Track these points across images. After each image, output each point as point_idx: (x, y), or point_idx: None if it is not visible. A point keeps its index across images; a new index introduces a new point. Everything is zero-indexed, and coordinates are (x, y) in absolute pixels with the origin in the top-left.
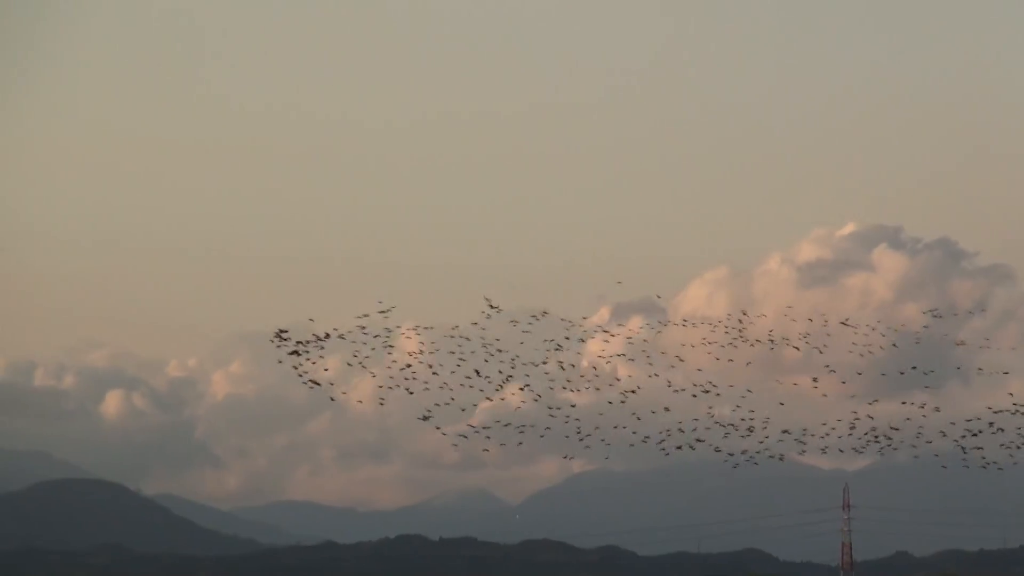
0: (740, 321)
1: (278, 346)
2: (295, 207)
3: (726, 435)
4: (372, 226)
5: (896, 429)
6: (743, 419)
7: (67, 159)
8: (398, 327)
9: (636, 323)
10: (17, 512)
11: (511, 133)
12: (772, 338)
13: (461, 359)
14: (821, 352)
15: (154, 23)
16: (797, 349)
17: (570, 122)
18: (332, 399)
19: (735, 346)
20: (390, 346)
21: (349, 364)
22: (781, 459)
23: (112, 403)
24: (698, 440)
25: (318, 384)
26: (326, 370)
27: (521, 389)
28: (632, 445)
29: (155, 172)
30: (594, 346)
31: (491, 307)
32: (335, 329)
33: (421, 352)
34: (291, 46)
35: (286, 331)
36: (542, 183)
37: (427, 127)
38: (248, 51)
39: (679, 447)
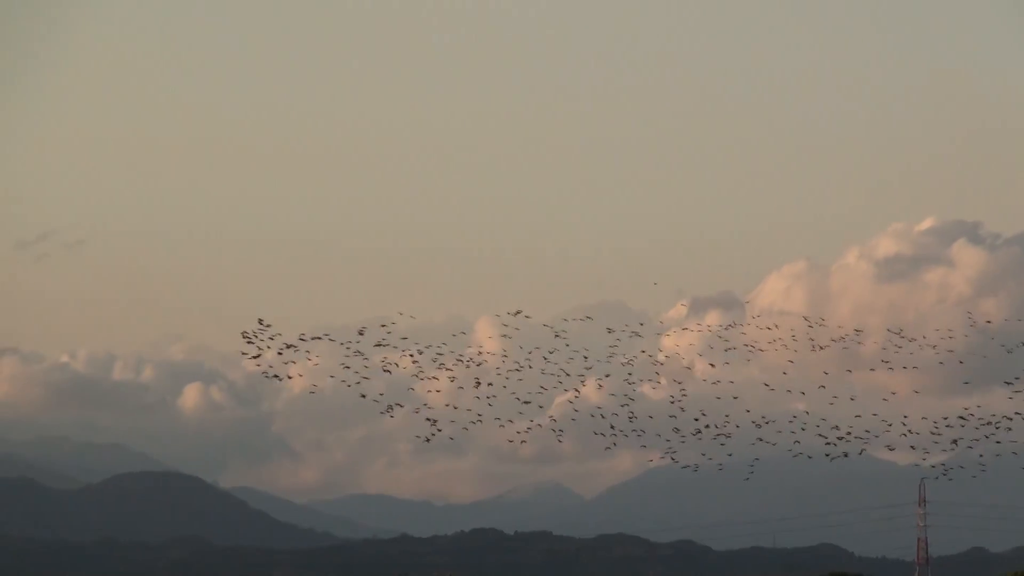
0: (811, 326)
1: (248, 342)
2: (375, 203)
3: (802, 429)
4: (449, 221)
5: (965, 421)
6: (819, 414)
7: (149, 155)
8: (473, 325)
9: (713, 318)
10: (95, 504)
11: (588, 128)
12: (848, 334)
13: (539, 350)
14: (898, 348)
15: (240, 19)
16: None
17: (647, 116)
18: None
19: (812, 339)
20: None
21: (412, 358)
22: (860, 454)
23: (190, 396)
24: (778, 432)
25: (279, 378)
26: (397, 366)
27: (600, 385)
28: (697, 435)
29: (235, 168)
30: (671, 340)
31: (518, 314)
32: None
33: (503, 354)
34: (370, 49)
35: (248, 332)
36: (620, 177)
37: (500, 123)
38: (329, 52)
39: (753, 443)
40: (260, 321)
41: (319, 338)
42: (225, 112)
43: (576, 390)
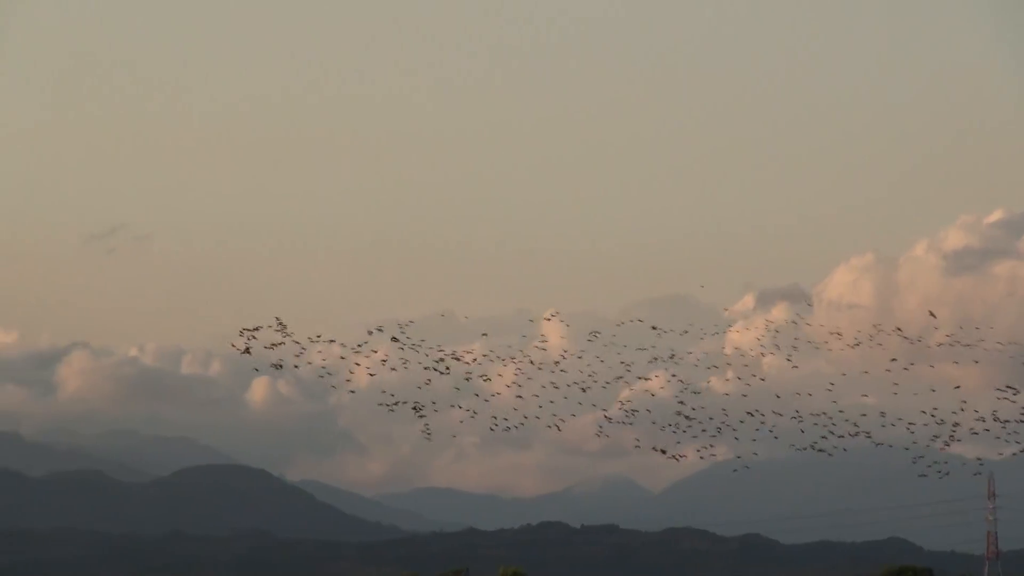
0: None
1: (246, 342)
2: (444, 198)
3: (871, 423)
4: (514, 216)
5: None
6: (886, 407)
7: (219, 150)
8: (545, 318)
9: (780, 310)
10: (163, 497)
11: (655, 121)
12: (916, 330)
13: (607, 344)
14: (967, 343)
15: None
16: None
17: (716, 108)
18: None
19: (880, 329)
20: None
21: (479, 352)
22: (928, 446)
23: (258, 390)
24: (847, 423)
25: (278, 367)
26: (463, 360)
27: (667, 378)
28: (772, 434)
29: (302, 165)
30: (738, 333)
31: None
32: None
33: (569, 348)
34: (426, 46)
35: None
36: (688, 170)
37: (567, 119)
38: (388, 48)
39: (824, 436)
40: (277, 319)
41: (373, 333)
42: (292, 110)
43: (644, 383)
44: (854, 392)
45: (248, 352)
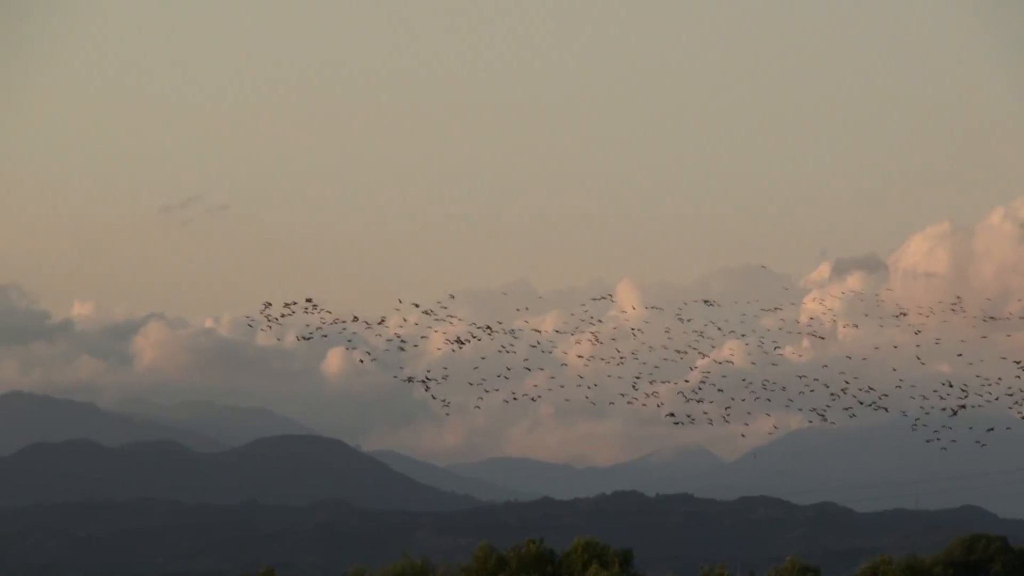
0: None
1: (267, 317)
2: (520, 168)
3: (948, 392)
4: (590, 186)
5: None
6: (962, 376)
7: (293, 120)
8: (610, 293)
9: (856, 279)
10: (240, 467)
11: (729, 91)
12: (993, 296)
13: (682, 312)
14: None
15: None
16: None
17: (788, 77)
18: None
19: (958, 298)
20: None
21: (555, 321)
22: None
23: (333, 361)
24: (923, 398)
25: (403, 345)
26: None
27: (741, 348)
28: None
29: (376, 134)
30: (813, 302)
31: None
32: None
33: (645, 317)
34: (519, 22)
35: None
36: (763, 139)
37: (642, 90)
38: (455, 19)
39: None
40: (308, 300)
41: (442, 306)
42: (368, 82)
43: (718, 353)
44: (930, 361)
45: (275, 320)
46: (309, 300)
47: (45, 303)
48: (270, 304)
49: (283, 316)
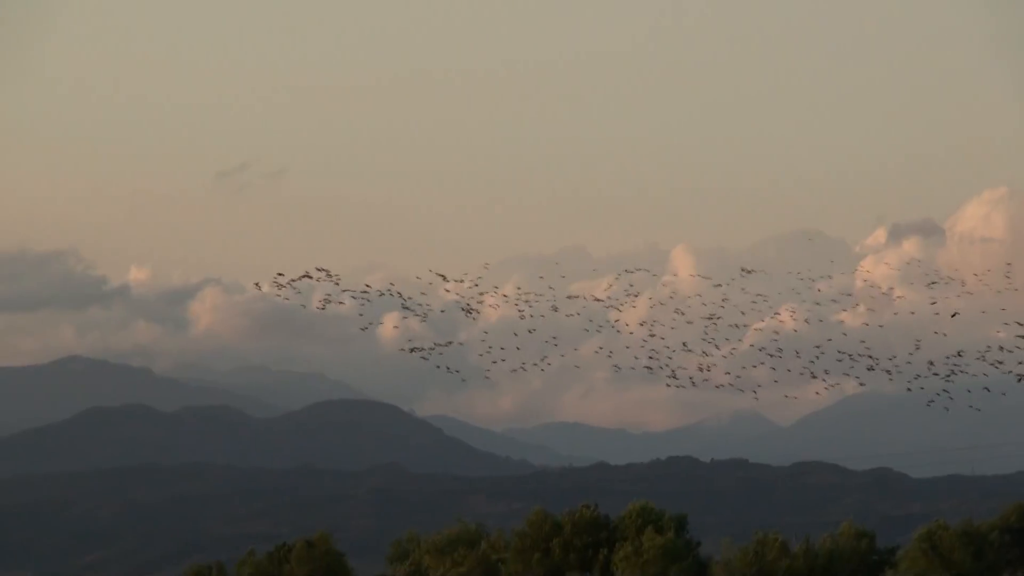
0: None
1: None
2: (573, 132)
3: (1006, 357)
4: (648, 150)
5: None
6: (1017, 343)
7: (348, 85)
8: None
9: (912, 244)
10: (295, 431)
11: (783, 57)
12: None
13: (736, 279)
14: None
15: None
16: None
17: (845, 42)
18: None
19: (1008, 265)
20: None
21: (608, 286)
22: None
23: (388, 326)
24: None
25: (470, 312)
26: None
27: (795, 311)
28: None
29: (431, 99)
30: (869, 267)
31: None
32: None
33: (699, 281)
34: None
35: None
36: (817, 104)
37: (697, 56)
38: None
39: (952, 372)
40: (320, 269)
41: (474, 282)
42: (422, 46)
43: (774, 318)
44: (985, 327)
45: (288, 285)
46: (322, 269)
47: (102, 269)
48: (281, 274)
49: (292, 282)
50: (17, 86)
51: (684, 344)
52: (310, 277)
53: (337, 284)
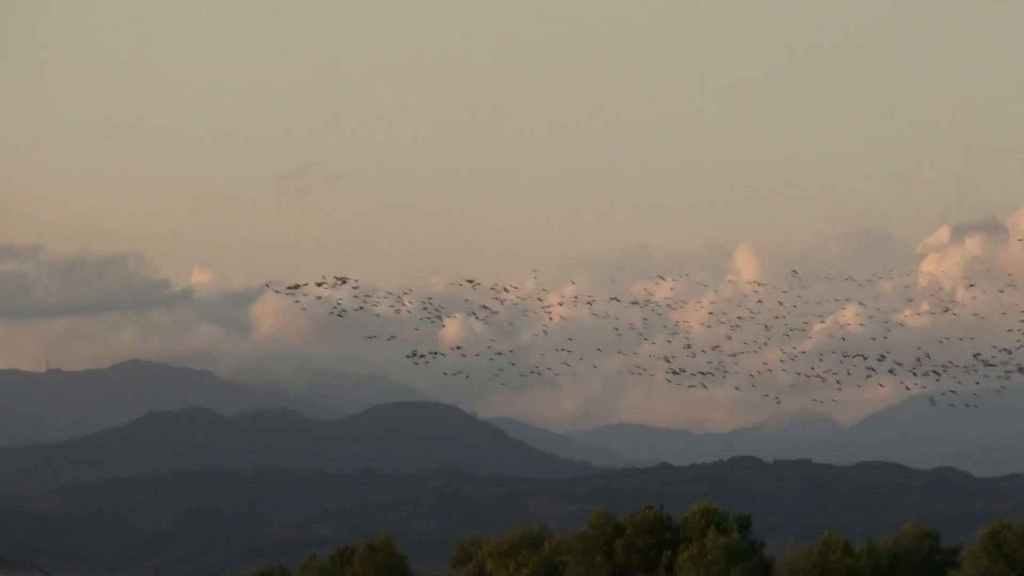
0: None
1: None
2: (636, 132)
3: None
4: (709, 148)
5: None
6: None
7: (411, 89)
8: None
9: (975, 243)
10: (356, 435)
11: (850, 52)
12: None
13: (799, 276)
14: None
15: None
16: None
17: (910, 39)
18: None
19: None
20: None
21: (671, 286)
22: None
23: (451, 328)
24: None
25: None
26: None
27: (858, 311)
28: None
29: (493, 103)
30: (931, 265)
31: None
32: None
33: (762, 280)
34: None
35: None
36: (880, 101)
37: (761, 50)
38: None
39: (1012, 371)
40: (340, 279)
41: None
42: (483, 48)
43: (837, 316)
44: None
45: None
46: (341, 279)
47: (164, 272)
48: (299, 285)
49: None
50: (80, 88)
51: (746, 344)
52: (321, 285)
53: (355, 289)
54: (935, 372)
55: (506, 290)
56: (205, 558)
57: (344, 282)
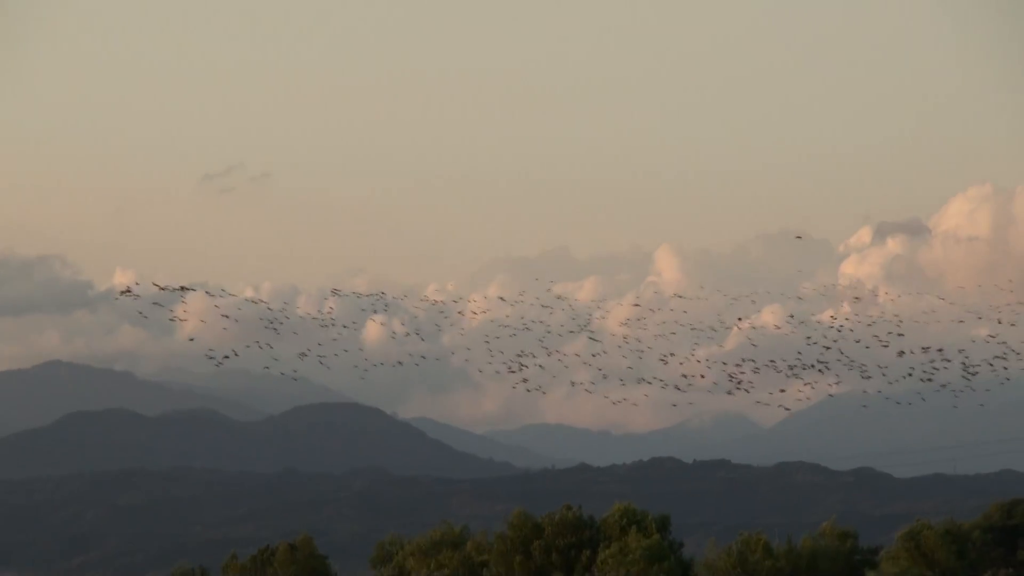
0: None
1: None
2: (556, 134)
3: (990, 358)
4: (628, 150)
5: None
6: (1003, 341)
7: (334, 88)
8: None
9: (897, 243)
10: (277, 435)
11: (766, 52)
12: None
13: (719, 278)
14: None
15: None
16: None
17: (830, 38)
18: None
19: (999, 264)
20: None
21: (591, 287)
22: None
23: (372, 329)
24: (968, 367)
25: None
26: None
27: (781, 313)
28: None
29: (417, 103)
30: (851, 267)
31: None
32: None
33: (682, 282)
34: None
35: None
36: (801, 101)
37: (682, 54)
38: None
39: (936, 369)
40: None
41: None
42: (411, 46)
43: (758, 318)
44: (969, 325)
45: (128, 292)
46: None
47: (88, 273)
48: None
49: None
50: (2, 90)
51: (667, 345)
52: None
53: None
54: (860, 372)
55: (428, 295)
56: (127, 558)
57: (184, 290)
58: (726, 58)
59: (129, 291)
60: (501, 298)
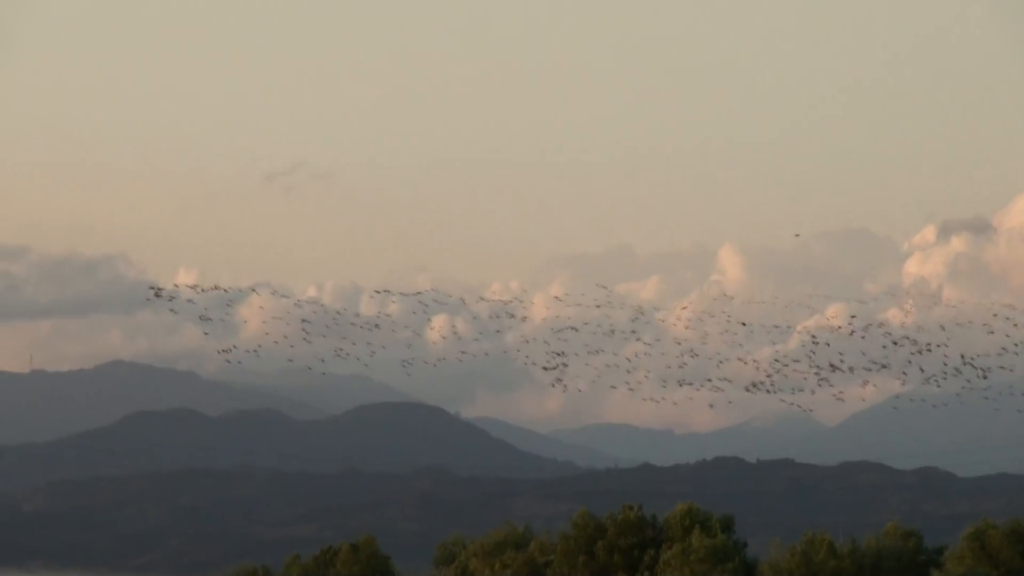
0: None
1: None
2: (622, 131)
3: None
4: (694, 148)
5: None
6: None
7: (398, 87)
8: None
9: (961, 241)
10: (340, 434)
11: (833, 55)
12: None
13: (784, 276)
14: None
15: None
16: None
17: (897, 40)
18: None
19: None
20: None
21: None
22: None
23: (436, 328)
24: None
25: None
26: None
27: (844, 311)
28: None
29: (479, 101)
30: (915, 265)
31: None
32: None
33: (746, 280)
34: None
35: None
36: (866, 101)
37: (742, 55)
38: None
39: (1000, 368)
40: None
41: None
42: (472, 49)
43: (821, 316)
44: None
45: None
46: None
47: (152, 273)
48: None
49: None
50: (70, 89)
51: (731, 344)
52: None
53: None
54: (921, 371)
55: (489, 294)
56: (189, 557)
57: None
58: (792, 57)
59: (161, 292)
60: (557, 297)
